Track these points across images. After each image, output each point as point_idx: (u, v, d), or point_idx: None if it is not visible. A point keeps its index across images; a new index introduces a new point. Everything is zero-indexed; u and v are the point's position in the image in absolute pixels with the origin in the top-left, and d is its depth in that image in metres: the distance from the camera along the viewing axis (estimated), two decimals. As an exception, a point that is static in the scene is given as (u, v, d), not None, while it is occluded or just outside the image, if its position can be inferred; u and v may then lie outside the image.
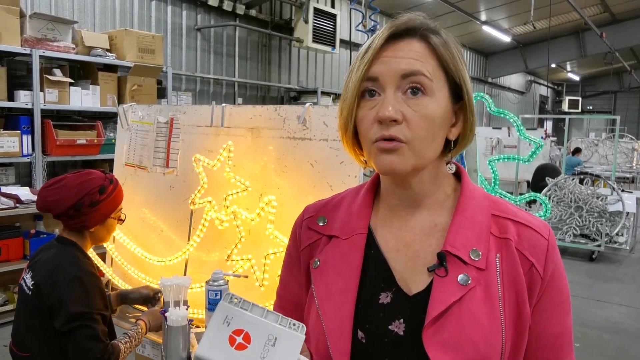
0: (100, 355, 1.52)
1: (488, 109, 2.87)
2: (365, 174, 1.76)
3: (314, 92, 7.67)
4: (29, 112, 4.13)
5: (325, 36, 7.20)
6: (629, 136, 12.05)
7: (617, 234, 6.29)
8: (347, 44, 7.03)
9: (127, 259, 2.30)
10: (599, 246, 6.15)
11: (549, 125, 19.83)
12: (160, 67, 4.93)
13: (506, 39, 12.84)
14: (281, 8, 7.53)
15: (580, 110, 18.06)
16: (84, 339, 1.53)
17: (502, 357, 0.72)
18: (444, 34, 0.77)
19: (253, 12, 6.99)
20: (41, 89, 4.13)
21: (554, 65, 16.31)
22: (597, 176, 7.36)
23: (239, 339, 0.65)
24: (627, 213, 6.24)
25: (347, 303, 0.78)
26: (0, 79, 3.92)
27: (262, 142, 1.89)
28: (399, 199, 0.82)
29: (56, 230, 4.01)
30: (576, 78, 20.71)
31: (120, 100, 4.65)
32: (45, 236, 3.88)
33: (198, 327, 1.86)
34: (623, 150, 11.04)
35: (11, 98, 4.05)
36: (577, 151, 10.42)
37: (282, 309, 0.92)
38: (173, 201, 2.17)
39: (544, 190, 6.36)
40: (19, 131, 4.02)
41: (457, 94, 0.77)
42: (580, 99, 18.74)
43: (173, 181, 2.18)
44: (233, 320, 0.67)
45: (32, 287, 1.61)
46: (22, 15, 4.10)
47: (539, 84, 20.20)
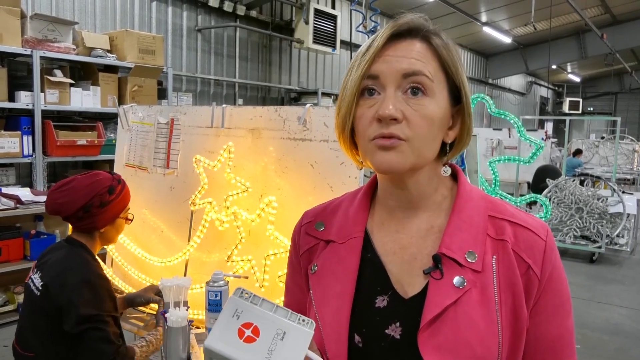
0: (112, 358, 1.53)
1: (488, 110, 2.88)
2: (365, 175, 1.76)
3: (314, 93, 7.66)
4: (29, 113, 4.13)
5: (325, 37, 7.20)
6: (630, 137, 12.06)
7: (617, 236, 6.27)
8: (348, 45, 7.04)
9: (127, 260, 2.30)
10: (599, 248, 6.13)
11: (549, 127, 19.85)
12: (160, 67, 4.93)
13: (507, 40, 12.84)
14: (282, 9, 7.53)
15: (580, 112, 18.05)
16: (96, 341, 1.54)
17: (499, 359, 0.71)
18: (444, 36, 0.77)
19: (254, 13, 6.99)
20: (42, 90, 4.13)
21: (554, 67, 16.32)
22: (598, 177, 7.36)
23: (248, 332, 0.65)
24: (628, 214, 6.22)
25: (344, 307, 0.78)
26: (1, 80, 3.92)
27: (262, 143, 1.89)
28: (396, 200, 0.81)
29: (56, 231, 4.01)
30: (577, 79, 20.71)
31: (121, 101, 4.65)
32: (45, 237, 3.88)
33: (198, 327, 1.86)
34: (624, 151, 11.05)
35: (12, 99, 4.06)
36: (577, 152, 10.42)
37: None
38: (173, 202, 2.17)
39: (545, 192, 6.34)
40: (19, 132, 4.02)
41: (456, 96, 0.77)
42: (581, 100, 18.74)
43: (173, 182, 2.18)
44: (243, 313, 0.67)
45: (40, 288, 1.61)
46: (22, 16, 4.10)
47: (540, 85, 20.19)
